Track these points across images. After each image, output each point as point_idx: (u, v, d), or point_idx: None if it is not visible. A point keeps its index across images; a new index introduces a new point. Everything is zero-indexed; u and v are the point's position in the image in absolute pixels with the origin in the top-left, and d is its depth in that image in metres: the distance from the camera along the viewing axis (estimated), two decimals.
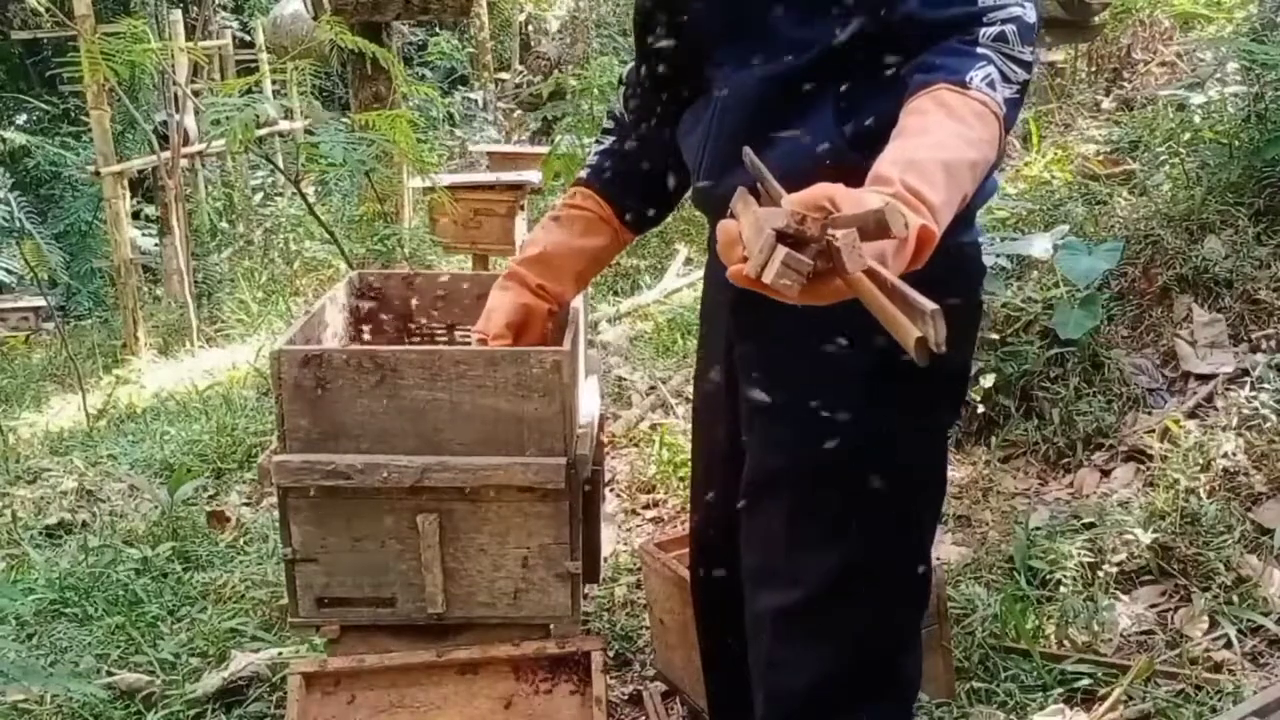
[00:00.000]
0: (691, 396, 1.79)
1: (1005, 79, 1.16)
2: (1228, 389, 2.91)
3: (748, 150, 1.11)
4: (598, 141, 1.66)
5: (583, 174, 1.65)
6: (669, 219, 1.85)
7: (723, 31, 1.36)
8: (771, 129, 1.31)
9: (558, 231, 1.62)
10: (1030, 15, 1.18)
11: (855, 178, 1.05)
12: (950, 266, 1.33)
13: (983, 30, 1.16)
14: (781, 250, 0.89)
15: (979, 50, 1.16)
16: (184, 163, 7.32)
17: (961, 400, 1.49)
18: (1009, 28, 1.16)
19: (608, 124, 1.65)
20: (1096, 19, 5.07)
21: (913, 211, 1.02)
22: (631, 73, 1.61)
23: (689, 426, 3.57)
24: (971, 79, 1.14)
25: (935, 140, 1.10)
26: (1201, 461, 2.66)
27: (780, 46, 1.30)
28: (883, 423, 1.35)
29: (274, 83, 7.99)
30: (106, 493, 3.77)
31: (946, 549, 2.73)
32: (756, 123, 1.33)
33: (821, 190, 0.96)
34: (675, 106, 1.52)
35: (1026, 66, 1.17)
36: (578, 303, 1.98)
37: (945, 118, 1.13)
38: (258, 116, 3.57)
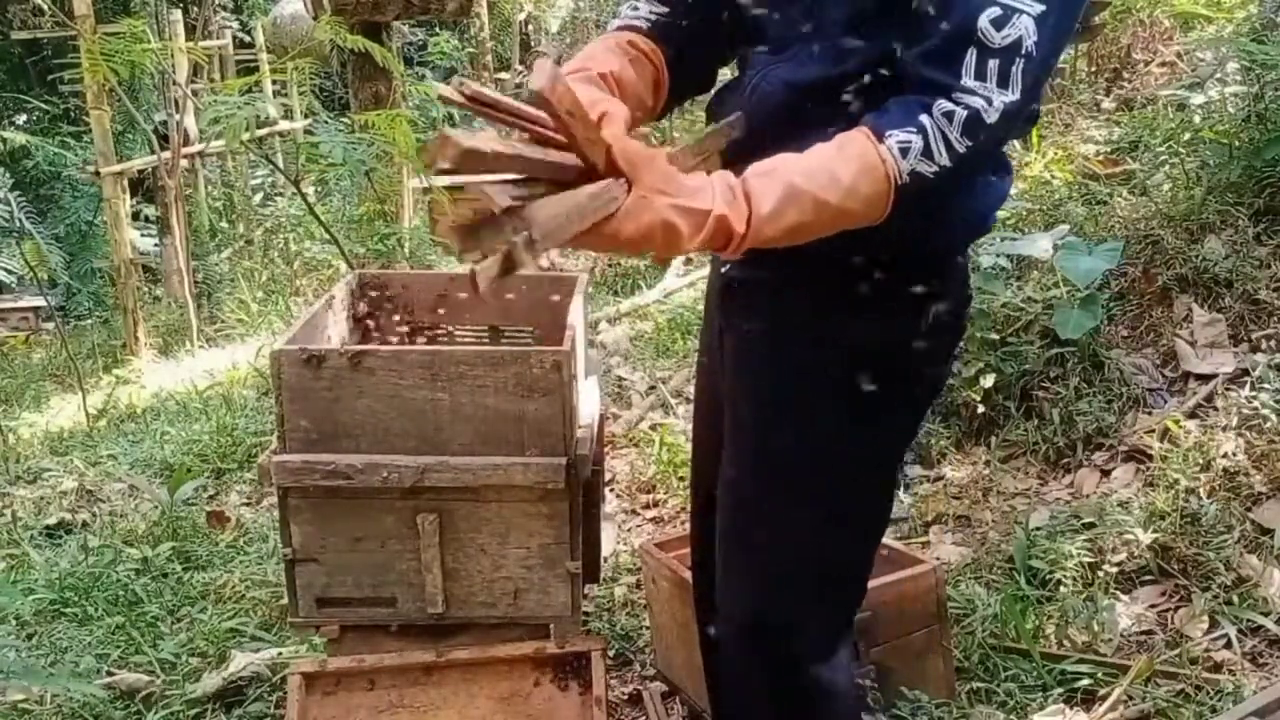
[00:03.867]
0: (693, 393, 1.80)
1: (927, 154, 1.16)
2: (1228, 389, 2.90)
3: (736, 115, 1.22)
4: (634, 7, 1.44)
5: (641, 22, 1.41)
6: None
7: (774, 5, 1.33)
8: (787, 140, 1.28)
9: (631, 71, 1.37)
10: (991, 115, 1.16)
11: None
12: (928, 289, 1.35)
13: (940, 102, 1.17)
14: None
15: (921, 117, 1.17)
16: (184, 163, 7.32)
17: (922, 411, 1.50)
18: (961, 112, 1.16)
19: None
20: (1096, 19, 5.06)
21: (730, 205, 1.12)
22: None
23: (689, 426, 3.58)
24: (889, 135, 1.16)
25: (807, 166, 1.17)
26: (1201, 461, 2.66)
27: (823, 50, 1.28)
28: (837, 420, 1.38)
29: (274, 83, 7.99)
30: (106, 493, 3.77)
31: (946, 549, 2.74)
32: (775, 130, 1.30)
33: (631, 147, 1.10)
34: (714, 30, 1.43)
35: (956, 155, 1.17)
36: (578, 303, 1.98)
37: (836, 153, 1.17)
38: (258, 116, 3.57)
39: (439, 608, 1.75)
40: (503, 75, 11.13)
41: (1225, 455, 2.65)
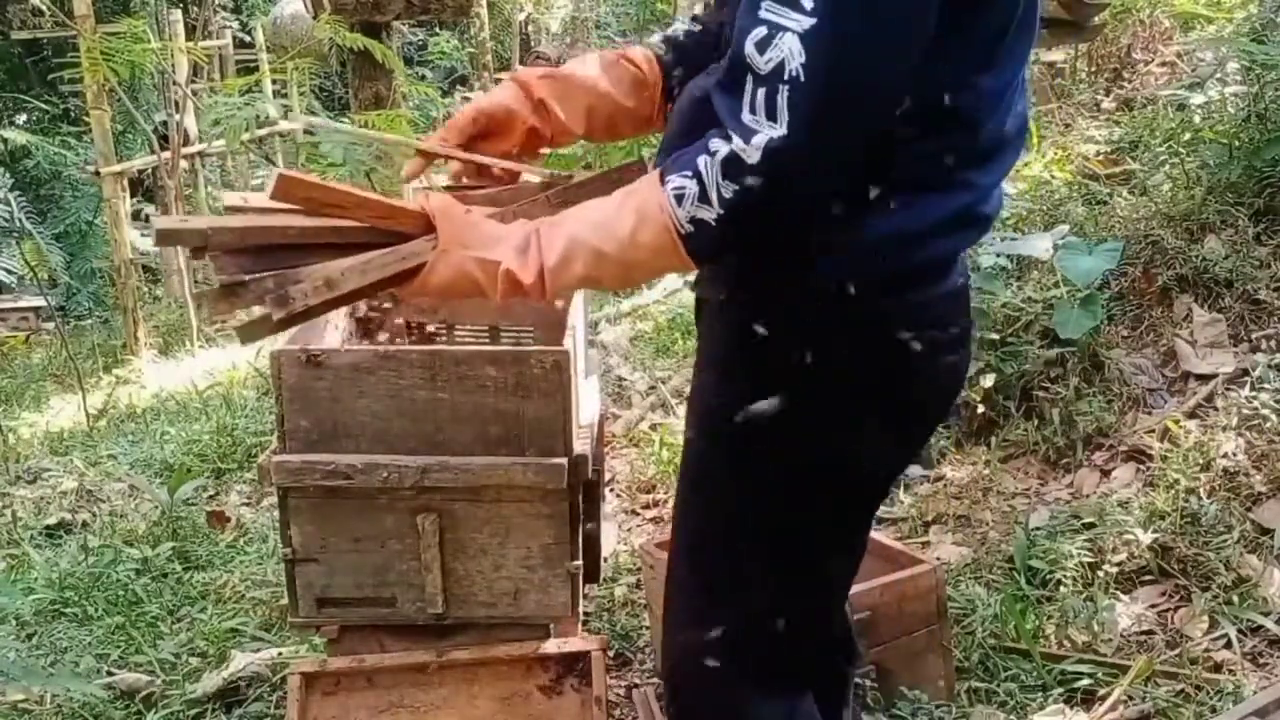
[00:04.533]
0: None
1: (704, 199, 1.07)
2: (1228, 389, 2.91)
3: (639, 160, 1.22)
4: (688, 21, 1.48)
5: (656, 37, 1.47)
6: None
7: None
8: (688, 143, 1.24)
9: (597, 71, 1.41)
10: (751, 156, 1.04)
11: None
12: (839, 341, 1.22)
13: (714, 140, 1.07)
14: None
15: (699, 159, 1.08)
16: (184, 163, 7.32)
17: (830, 492, 1.29)
18: (723, 151, 1.06)
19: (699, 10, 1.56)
20: (1096, 19, 5.06)
21: (521, 256, 1.12)
22: None
23: None
24: (669, 182, 1.09)
25: (596, 216, 1.14)
26: (1201, 461, 2.66)
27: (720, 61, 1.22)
28: (753, 461, 1.27)
29: (274, 83, 7.99)
30: (106, 493, 3.77)
31: (946, 549, 2.74)
32: (682, 135, 1.24)
33: (437, 202, 1.14)
34: None
35: (725, 203, 1.06)
36: (578, 302, 1.98)
37: (622, 203, 1.13)
38: (258, 116, 3.57)
39: (439, 608, 1.75)
40: (503, 75, 11.13)
41: (1225, 455, 2.65)
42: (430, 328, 2.14)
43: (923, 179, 1.16)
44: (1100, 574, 2.48)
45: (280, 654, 2.45)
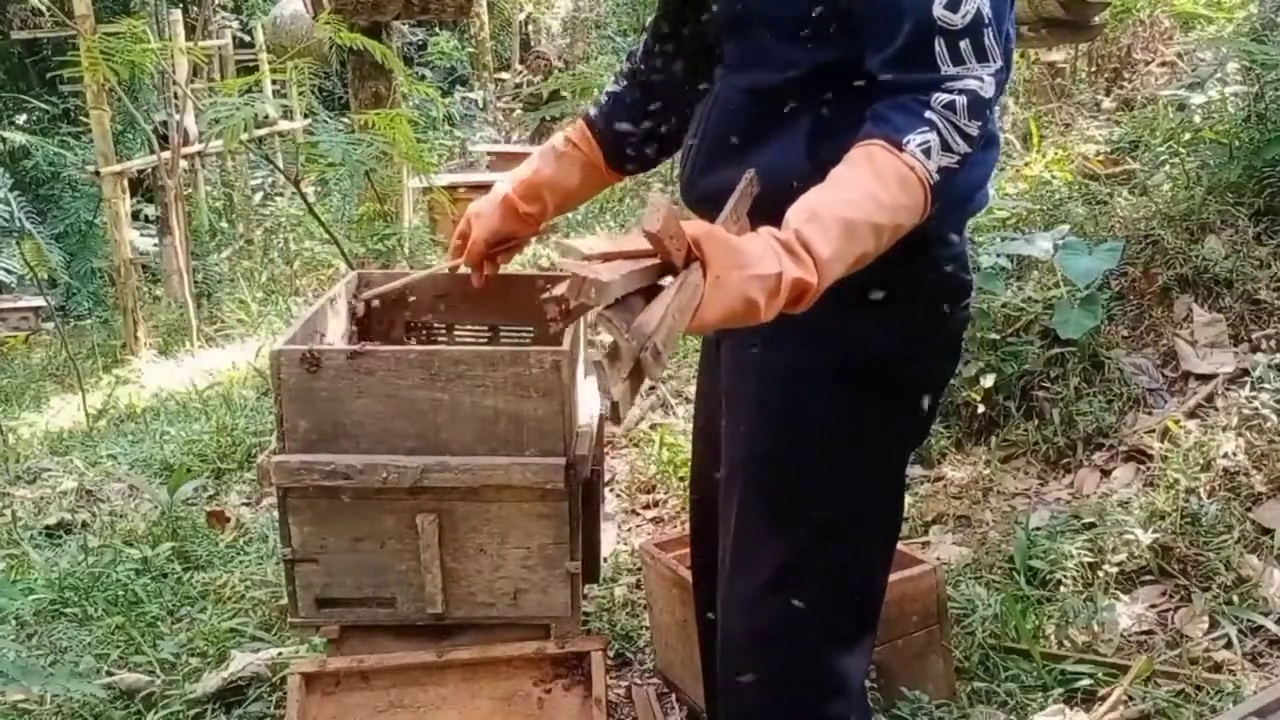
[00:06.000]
0: (694, 395, 1.80)
1: (946, 148, 1.16)
2: (1228, 389, 2.91)
3: (751, 172, 1.24)
4: (615, 80, 1.68)
5: (591, 110, 1.69)
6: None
7: (729, 25, 1.40)
8: (751, 141, 1.35)
9: (553, 166, 1.69)
10: (988, 90, 1.18)
11: None
12: (915, 280, 1.35)
13: (936, 95, 1.17)
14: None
15: (926, 114, 1.16)
16: (184, 163, 7.32)
17: (924, 415, 1.47)
18: (960, 99, 1.17)
19: (624, 65, 1.67)
20: (1096, 19, 5.06)
21: (796, 261, 1.08)
22: (653, 23, 1.63)
23: (689, 427, 3.58)
24: (908, 142, 1.16)
25: (847, 197, 1.13)
26: (1201, 461, 2.66)
27: (769, 59, 1.34)
28: (832, 425, 1.38)
29: (274, 83, 7.99)
30: (106, 493, 3.76)
31: (946, 549, 2.74)
32: (738, 132, 1.37)
33: (693, 227, 1.06)
34: (683, 72, 1.55)
35: (970, 140, 1.18)
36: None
37: (868, 176, 1.15)
38: (257, 115, 3.57)
39: (439, 608, 1.75)
40: (503, 75, 11.14)
41: (1225, 455, 2.65)
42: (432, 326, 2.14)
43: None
44: (1100, 574, 2.48)
45: (280, 654, 2.45)
